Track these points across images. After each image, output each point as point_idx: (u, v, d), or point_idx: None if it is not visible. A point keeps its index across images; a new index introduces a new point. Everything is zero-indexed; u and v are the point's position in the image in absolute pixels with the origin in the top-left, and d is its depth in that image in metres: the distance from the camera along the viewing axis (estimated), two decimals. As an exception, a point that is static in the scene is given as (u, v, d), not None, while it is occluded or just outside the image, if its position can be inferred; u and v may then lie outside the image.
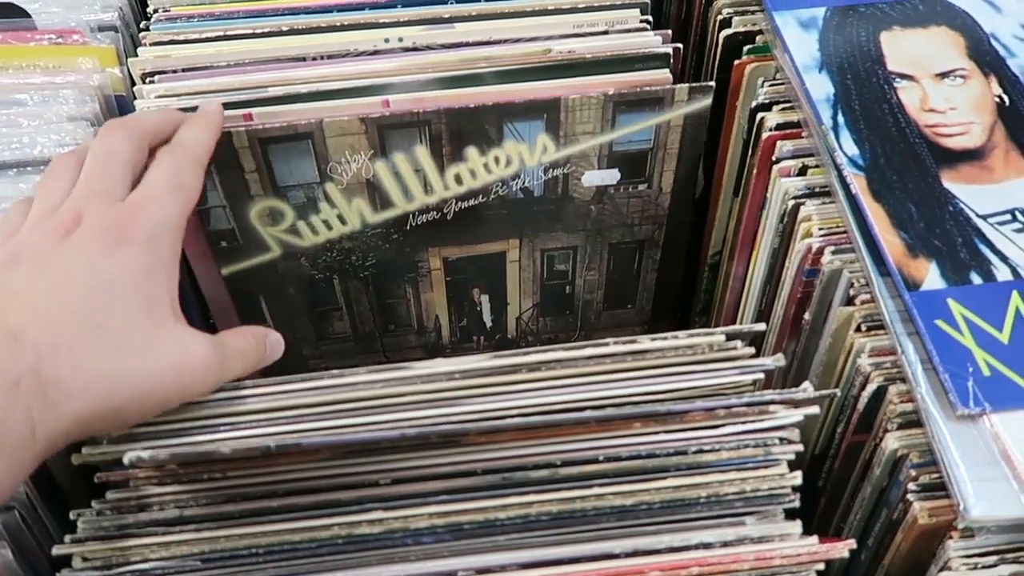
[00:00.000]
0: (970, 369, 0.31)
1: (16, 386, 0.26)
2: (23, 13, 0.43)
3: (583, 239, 0.44)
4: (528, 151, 0.40)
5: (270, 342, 0.34)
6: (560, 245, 0.44)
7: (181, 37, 0.41)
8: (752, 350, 0.32)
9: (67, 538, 0.29)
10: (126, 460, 0.28)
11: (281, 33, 0.42)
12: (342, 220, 0.41)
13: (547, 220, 0.43)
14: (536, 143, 0.40)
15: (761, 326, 0.32)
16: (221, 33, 0.41)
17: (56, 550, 0.29)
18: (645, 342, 0.31)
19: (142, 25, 0.42)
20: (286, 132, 0.38)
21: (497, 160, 0.40)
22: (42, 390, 0.26)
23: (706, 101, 0.39)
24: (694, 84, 0.39)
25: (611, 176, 0.41)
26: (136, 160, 0.33)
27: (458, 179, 0.40)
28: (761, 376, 0.31)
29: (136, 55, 0.41)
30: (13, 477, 0.26)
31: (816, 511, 0.39)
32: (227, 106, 0.39)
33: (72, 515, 0.30)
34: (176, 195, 0.32)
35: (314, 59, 0.41)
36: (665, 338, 0.31)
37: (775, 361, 0.31)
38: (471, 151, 0.39)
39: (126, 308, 0.28)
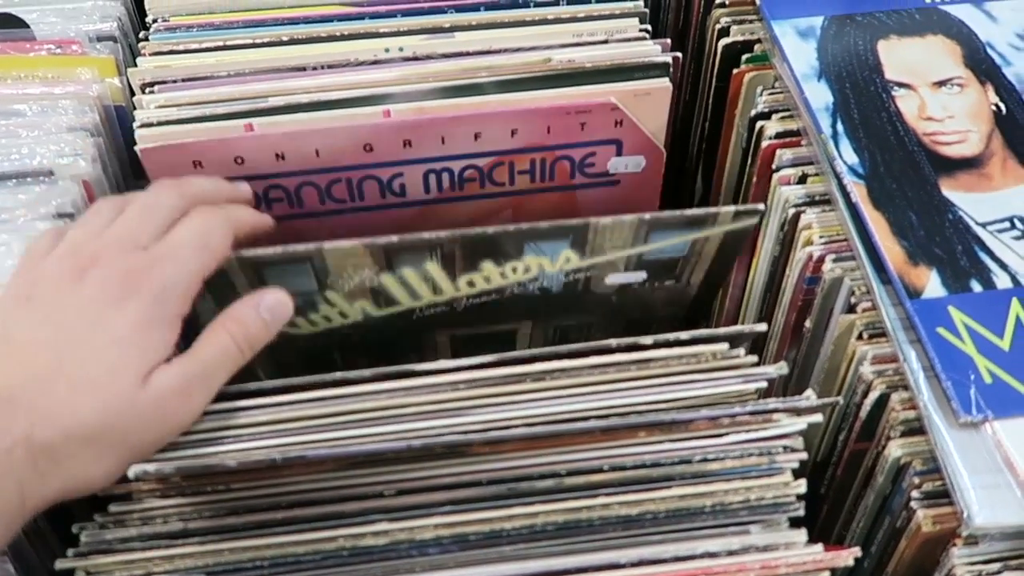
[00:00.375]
0: (972, 377, 0.31)
1: (8, 456, 0.26)
2: (22, 23, 0.43)
3: (600, 318, 0.42)
4: (550, 262, 0.36)
5: (264, 308, 0.32)
6: (575, 323, 0.43)
7: (181, 47, 0.41)
8: (755, 358, 0.32)
9: (70, 552, 0.29)
10: (131, 474, 0.28)
11: (281, 43, 0.42)
12: (343, 315, 0.38)
13: (564, 309, 0.41)
14: (559, 256, 0.36)
15: (762, 326, 0.32)
16: (221, 43, 0.41)
17: (59, 564, 0.29)
18: (650, 351, 0.31)
19: (141, 35, 0.42)
20: (283, 257, 0.34)
21: (515, 269, 0.37)
22: (34, 460, 0.27)
23: (752, 221, 0.35)
24: (740, 208, 0.35)
25: (637, 277, 0.38)
26: (177, 218, 0.32)
27: (471, 284, 0.37)
28: (764, 384, 0.31)
29: (135, 65, 0.40)
30: (1, 540, 0.27)
31: (818, 518, 0.39)
32: (227, 116, 0.39)
33: (75, 528, 0.30)
34: (198, 254, 0.31)
35: (314, 69, 0.41)
36: (669, 345, 0.32)
37: (778, 370, 0.31)
38: (487, 264, 0.36)
39: (114, 362, 0.28)
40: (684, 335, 0.32)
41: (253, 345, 0.32)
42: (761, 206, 0.35)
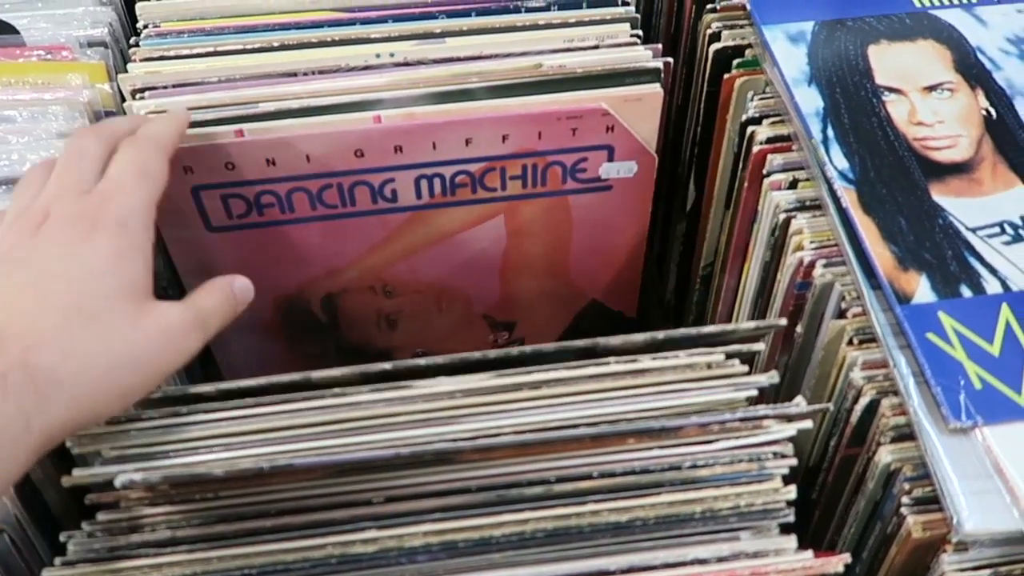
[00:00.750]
0: (962, 382, 0.31)
1: (4, 380, 0.26)
2: (12, 29, 0.43)
3: None
4: None
5: (237, 288, 0.34)
6: None
7: (171, 53, 0.41)
8: (746, 368, 0.32)
9: (57, 561, 0.29)
10: (118, 483, 0.28)
11: (272, 49, 0.42)
12: None
13: None
14: None
15: (760, 345, 0.32)
16: (212, 49, 0.41)
17: (46, 573, 0.29)
18: (646, 361, 0.32)
19: (132, 41, 0.42)
20: None
21: None
22: (32, 381, 0.26)
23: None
24: (760, 324, 0.34)
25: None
26: (106, 158, 0.33)
27: None
28: (755, 393, 0.31)
29: (126, 71, 0.40)
30: (10, 471, 0.26)
31: (810, 524, 0.39)
32: (218, 122, 0.39)
33: (62, 537, 0.30)
34: (141, 181, 0.32)
35: (305, 74, 0.41)
36: (666, 358, 0.32)
37: (769, 378, 0.31)
38: None
39: (105, 291, 0.29)
40: (682, 353, 0.32)
41: (237, 307, 0.34)
42: (783, 321, 0.34)
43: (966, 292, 0.33)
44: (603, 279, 0.48)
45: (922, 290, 0.33)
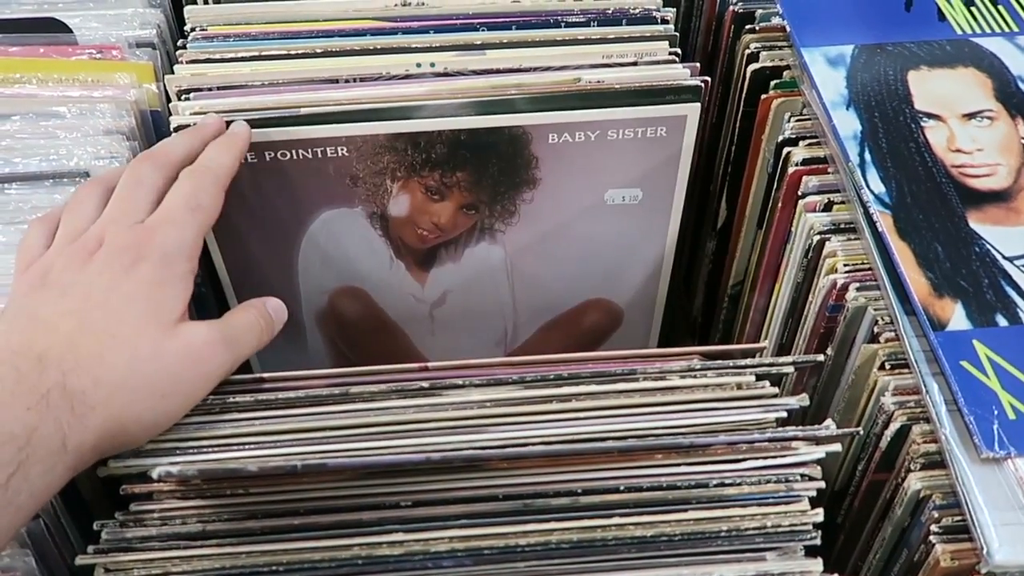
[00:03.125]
0: (995, 412, 0.31)
1: (45, 400, 0.27)
2: (65, 28, 0.44)
3: None
4: None
5: (270, 308, 0.35)
6: None
7: (217, 56, 0.42)
8: (776, 390, 0.32)
9: (90, 548, 0.30)
10: (154, 474, 0.28)
11: (315, 55, 0.42)
12: None
13: None
14: None
15: (789, 368, 0.32)
16: (256, 53, 0.42)
17: (79, 560, 0.29)
18: (675, 379, 0.32)
19: (179, 43, 0.43)
20: None
21: None
22: (70, 403, 0.28)
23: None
24: (798, 359, 0.34)
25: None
26: (164, 187, 0.34)
27: None
28: (784, 415, 0.31)
29: (173, 72, 0.41)
30: (47, 485, 0.27)
31: (834, 548, 0.38)
32: (260, 124, 0.39)
33: (96, 525, 0.30)
34: (193, 216, 0.33)
35: (347, 81, 0.42)
36: (695, 376, 0.32)
37: (799, 401, 0.31)
38: None
39: (136, 317, 0.30)
40: (711, 372, 0.32)
41: (272, 329, 0.35)
42: (821, 357, 0.34)
43: (1002, 321, 0.33)
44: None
45: (957, 317, 0.33)
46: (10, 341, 0.29)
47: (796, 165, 0.40)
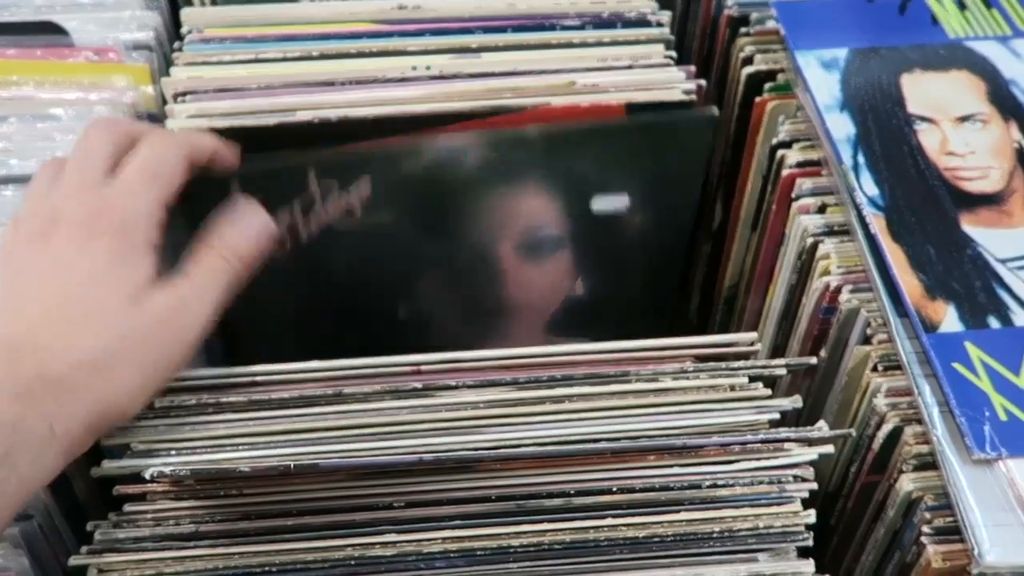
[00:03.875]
0: (987, 413, 0.31)
1: (27, 390, 0.27)
2: (61, 31, 0.44)
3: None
4: None
5: (231, 245, 0.33)
6: None
7: (214, 59, 0.42)
8: (769, 391, 0.32)
9: (83, 549, 0.30)
10: (147, 475, 0.28)
11: (311, 58, 0.42)
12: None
13: None
14: None
15: (782, 371, 0.32)
16: (253, 56, 0.42)
17: (72, 560, 0.29)
18: (668, 381, 0.32)
19: (176, 45, 0.43)
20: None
21: None
22: (52, 391, 0.28)
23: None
24: (791, 361, 0.34)
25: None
26: (116, 154, 0.33)
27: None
28: (777, 416, 0.31)
29: (169, 74, 0.41)
30: (37, 472, 0.27)
31: (827, 550, 0.38)
32: (256, 129, 0.39)
33: (89, 526, 0.30)
34: (151, 184, 0.32)
35: (343, 84, 0.42)
36: (688, 377, 0.32)
37: (792, 403, 0.31)
38: None
39: (102, 295, 0.30)
40: (704, 374, 0.32)
41: (242, 258, 0.33)
42: (814, 360, 0.34)
43: (994, 323, 0.33)
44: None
45: (949, 319, 0.33)
46: None
47: (790, 168, 0.40)
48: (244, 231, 0.34)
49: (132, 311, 0.30)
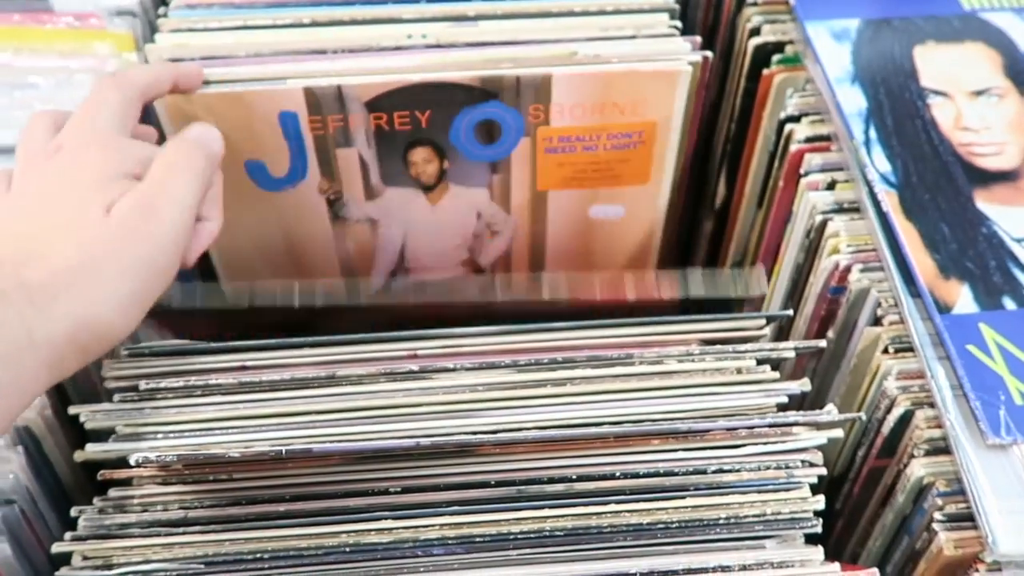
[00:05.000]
0: (1002, 397, 0.30)
1: (4, 297, 0.27)
2: (41, -5, 0.42)
3: None
4: None
5: (194, 136, 0.33)
6: None
7: (200, 25, 0.40)
8: (776, 374, 0.31)
9: (67, 535, 0.29)
10: (132, 461, 0.27)
11: (302, 25, 0.41)
12: None
13: None
14: None
15: (790, 353, 0.31)
16: (241, 23, 0.40)
17: (56, 547, 0.28)
18: (673, 364, 0.31)
19: (161, 11, 0.41)
20: None
21: None
22: (29, 296, 0.27)
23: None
24: (800, 344, 0.33)
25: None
26: (126, 110, 0.33)
27: None
28: (785, 400, 0.30)
29: (153, 42, 0.40)
30: (19, 382, 0.26)
31: (832, 534, 0.38)
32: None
33: (73, 512, 0.29)
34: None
35: (335, 52, 0.40)
36: (693, 360, 0.31)
37: (801, 386, 0.31)
38: None
39: (79, 201, 0.29)
40: (710, 356, 0.31)
41: (207, 153, 0.33)
42: (823, 343, 0.33)
43: (1009, 304, 0.32)
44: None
45: (963, 300, 0.32)
46: None
47: (799, 143, 0.39)
48: (204, 128, 0.34)
49: (105, 219, 0.29)
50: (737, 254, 0.48)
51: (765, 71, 0.42)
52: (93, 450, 0.29)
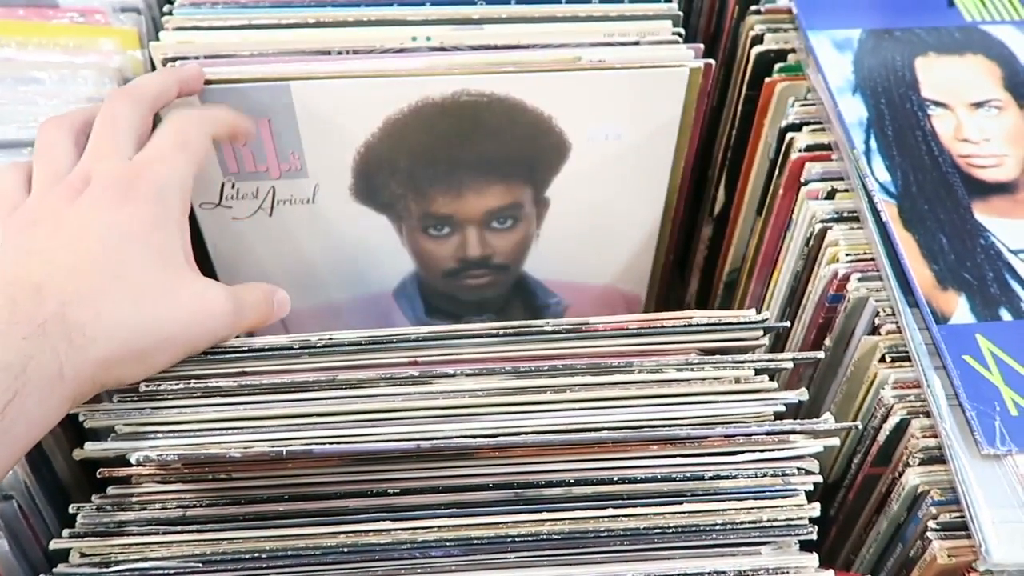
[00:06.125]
0: (997, 408, 0.30)
1: (42, 329, 0.27)
2: (46, -10, 0.42)
3: None
4: None
5: (277, 300, 0.35)
6: None
7: (205, 23, 0.40)
8: (775, 384, 0.31)
9: (65, 532, 0.29)
10: (133, 459, 0.27)
11: (307, 25, 0.41)
12: None
13: None
14: None
15: (788, 364, 0.31)
16: (246, 21, 0.40)
17: (54, 544, 0.28)
18: (672, 372, 0.31)
19: (165, 8, 0.41)
20: None
21: None
22: (67, 334, 0.27)
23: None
24: (798, 355, 0.33)
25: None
26: (141, 125, 0.33)
27: None
28: (783, 409, 0.31)
29: (158, 39, 0.40)
30: (44, 415, 0.27)
31: (826, 541, 0.38)
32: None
33: (72, 509, 0.29)
34: (182, 152, 0.32)
35: (339, 53, 0.40)
36: (692, 369, 0.31)
37: (798, 395, 0.31)
38: None
39: (140, 258, 0.30)
40: (709, 366, 0.31)
41: (272, 318, 0.34)
42: (821, 354, 0.34)
43: (1006, 315, 0.33)
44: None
45: (961, 311, 0.33)
46: (5, 272, 0.28)
47: (799, 151, 0.39)
48: (277, 302, 0.35)
49: (177, 284, 0.30)
50: (735, 261, 0.48)
51: (767, 79, 0.42)
52: (92, 448, 0.29)
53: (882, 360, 0.33)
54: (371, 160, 0.40)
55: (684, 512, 0.29)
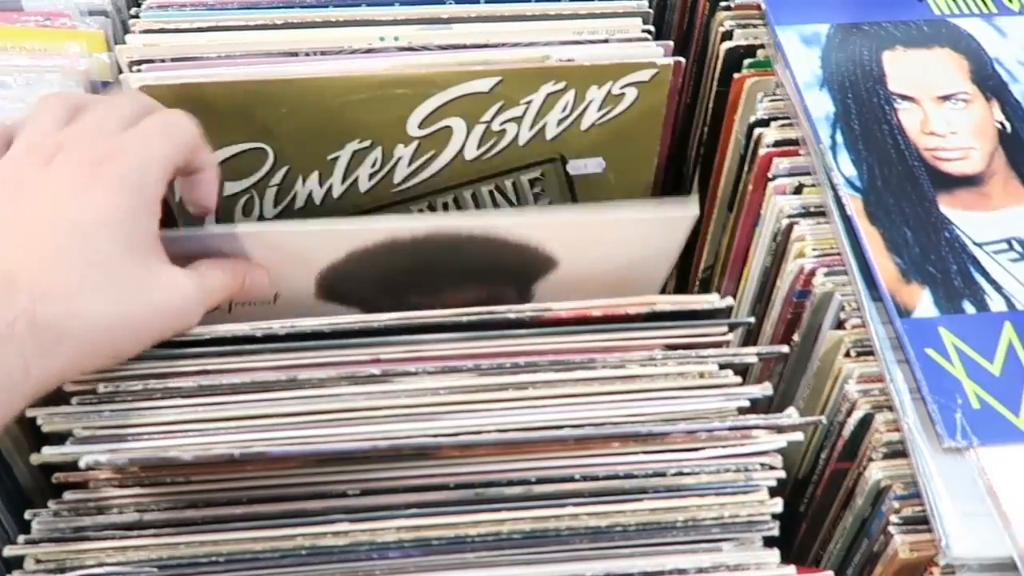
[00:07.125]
0: (959, 401, 0.30)
1: (10, 329, 0.26)
2: (10, -6, 0.42)
3: None
4: None
5: (251, 280, 0.34)
6: None
7: (172, 26, 0.40)
8: (739, 379, 0.31)
9: (21, 538, 0.29)
10: (83, 463, 0.27)
11: (274, 26, 0.41)
12: None
13: None
14: None
15: (753, 358, 0.31)
16: (213, 23, 0.40)
17: (8, 551, 0.28)
18: (636, 368, 0.31)
19: (132, 11, 0.41)
20: None
21: None
22: (36, 334, 0.26)
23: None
24: (762, 349, 0.33)
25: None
26: (134, 120, 0.32)
27: None
28: (747, 403, 0.30)
29: (124, 42, 0.40)
30: (4, 414, 0.26)
31: (797, 537, 0.38)
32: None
33: (27, 515, 0.29)
34: (166, 140, 0.31)
35: (307, 55, 0.40)
36: (655, 364, 0.31)
37: (762, 390, 0.31)
38: None
39: (113, 249, 0.29)
40: (672, 362, 0.31)
41: (243, 296, 0.34)
42: (785, 348, 0.33)
43: (969, 308, 0.32)
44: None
45: (924, 304, 0.33)
46: None
47: (768, 146, 0.39)
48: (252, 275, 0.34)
49: (148, 279, 0.29)
50: (709, 258, 0.48)
51: (736, 75, 0.42)
52: (50, 453, 0.29)
53: (847, 355, 0.33)
54: (335, 278, 0.37)
55: (645, 509, 0.29)
